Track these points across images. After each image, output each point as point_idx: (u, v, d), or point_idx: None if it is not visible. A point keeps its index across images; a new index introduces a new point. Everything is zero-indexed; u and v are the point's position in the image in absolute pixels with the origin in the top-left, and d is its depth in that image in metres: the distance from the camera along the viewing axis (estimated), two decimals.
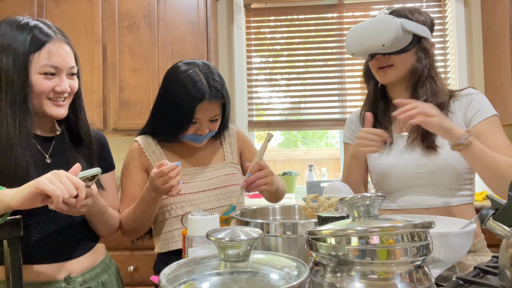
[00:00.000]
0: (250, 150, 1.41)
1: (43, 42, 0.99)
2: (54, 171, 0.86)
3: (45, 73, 0.99)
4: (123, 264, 2.24)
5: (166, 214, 1.25)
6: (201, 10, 2.54)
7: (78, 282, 1.05)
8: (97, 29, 2.57)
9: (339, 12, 2.92)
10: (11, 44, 0.97)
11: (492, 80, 2.64)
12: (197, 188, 1.26)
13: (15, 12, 2.56)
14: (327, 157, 3.07)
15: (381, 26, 1.13)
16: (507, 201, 0.79)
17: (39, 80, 0.98)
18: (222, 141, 1.39)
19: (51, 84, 1.00)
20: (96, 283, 1.11)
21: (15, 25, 1.00)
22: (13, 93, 0.96)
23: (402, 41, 1.14)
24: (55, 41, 1.01)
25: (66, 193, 0.83)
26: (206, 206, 1.25)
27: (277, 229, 0.86)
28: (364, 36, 1.17)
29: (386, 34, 1.12)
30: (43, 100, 1.00)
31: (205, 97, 1.15)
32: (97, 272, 1.12)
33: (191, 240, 0.84)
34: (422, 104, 1.05)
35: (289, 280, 0.46)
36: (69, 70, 1.03)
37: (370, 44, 1.15)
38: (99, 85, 2.56)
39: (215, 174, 1.30)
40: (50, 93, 1.01)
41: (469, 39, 2.77)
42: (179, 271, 0.50)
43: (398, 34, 1.11)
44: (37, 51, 0.98)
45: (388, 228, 0.56)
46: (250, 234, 0.51)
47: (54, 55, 0.99)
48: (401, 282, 0.55)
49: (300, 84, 2.97)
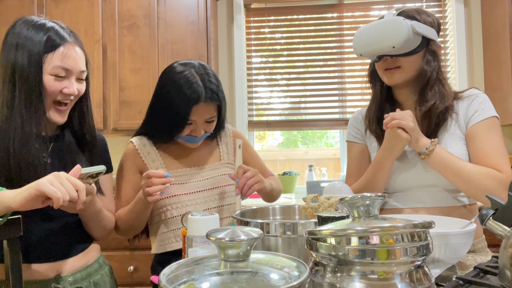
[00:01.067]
0: (247, 150, 1.40)
1: (58, 43, 1.01)
2: (55, 173, 0.86)
3: (56, 74, 1.00)
4: (123, 264, 2.24)
5: (162, 215, 1.25)
6: (201, 10, 2.54)
7: (68, 281, 1.05)
8: (97, 29, 2.57)
9: (339, 12, 2.92)
10: (26, 42, 0.99)
11: (492, 80, 2.64)
12: (193, 188, 1.26)
13: (15, 12, 2.56)
14: (327, 157, 3.07)
15: (392, 28, 1.11)
16: (507, 201, 0.79)
17: (49, 81, 1.00)
18: (218, 141, 1.38)
19: (60, 85, 1.01)
20: (88, 283, 1.10)
21: (31, 25, 1.01)
22: (29, 91, 0.98)
23: (412, 43, 1.12)
24: (69, 44, 1.03)
25: (67, 195, 0.83)
26: (202, 206, 1.25)
27: (277, 229, 0.86)
28: (373, 37, 1.15)
29: (397, 36, 1.10)
30: (49, 102, 1.02)
31: (200, 99, 1.15)
32: (89, 272, 1.12)
33: (191, 240, 0.84)
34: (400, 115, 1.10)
35: (289, 280, 0.46)
36: (79, 74, 1.05)
37: (379, 46, 1.14)
38: (99, 85, 2.56)
39: (211, 174, 1.30)
40: (58, 95, 1.02)
41: (469, 39, 2.77)
42: (179, 271, 0.50)
43: (409, 36, 1.10)
44: (51, 52, 1.00)
45: (388, 228, 0.56)
46: (250, 234, 0.51)
47: (67, 58, 1.01)
48: (401, 282, 0.55)
49: (300, 84, 2.97)
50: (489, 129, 1.14)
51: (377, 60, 1.20)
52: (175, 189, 1.23)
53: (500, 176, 1.08)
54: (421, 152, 1.11)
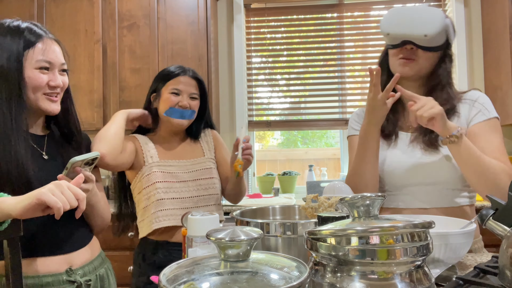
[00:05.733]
0: (223, 149, 1.60)
1: (36, 39, 1.04)
2: (56, 182, 0.87)
3: (40, 67, 1.03)
4: (123, 264, 2.24)
5: (151, 198, 1.38)
6: (201, 10, 2.54)
7: (79, 274, 1.07)
8: (97, 29, 2.57)
9: (339, 12, 2.92)
10: (4, 44, 1.01)
11: (492, 80, 2.64)
12: (181, 178, 1.42)
13: (15, 12, 2.56)
14: (327, 157, 3.07)
15: (431, 16, 1.09)
16: (507, 201, 0.79)
17: (35, 75, 1.02)
18: (200, 141, 1.57)
19: (46, 78, 1.04)
20: (95, 276, 1.12)
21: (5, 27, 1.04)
22: (8, 88, 0.99)
23: (439, 40, 1.11)
24: (47, 39, 1.06)
25: (67, 205, 0.84)
26: (187, 194, 1.41)
27: (277, 229, 0.86)
28: (408, 19, 1.11)
29: (433, 26, 1.08)
30: (39, 95, 1.04)
31: (186, 73, 1.44)
32: (95, 265, 1.14)
33: (191, 240, 0.84)
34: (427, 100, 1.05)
35: (289, 280, 0.46)
36: (61, 66, 1.09)
37: (412, 30, 1.10)
38: (99, 85, 2.56)
39: (196, 167, 1.47)
40: (45, 87, 1.04)
41: (469, 39, 2.77)
42: (179, 271, 0.50)
43: (442, 30, 1.09)
44: (31, 47, 1.02)
45: (388, 228, 0.56)
46: (250, 234, 0.51)
47: (48, 51, 1.05)
48: (401, 282, 0.55)
49: (300, 84, 2.97)
50: (490, 129, 1.15)
51: (397, 46, 1.17)
52: (165, 176, 1.39)
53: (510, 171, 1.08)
54: (452, 135, 1.04)
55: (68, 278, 1.04)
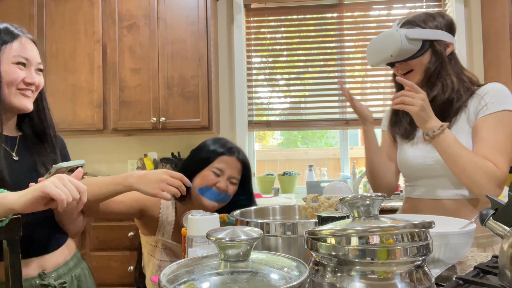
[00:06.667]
0: None
1: (14, 36, 1.05)
2: (58, 175, 0.88)
3: (17, 62, 1.04)
4: (123, 264, 2.23)
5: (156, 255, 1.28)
6: (201, 10, 2.54)
7: (52, 277, 1.05)
8: (97, 29, 2.57)
9: (339, 12, 2.92)
10: None
11: (492, 80, 2.62)
12: None
13: (15, 12, 2.56)
14: (327, 157, 3.07)
15: (387, 40, 1.28)
16: (507, 201, 0.79)
17: (11, 69, 1.03)
18: None
19: (22, 74, 1.05)
20: (70, 278, 1.10)
21: None
22: None
23: (411, 49, 1.24)
24: (24, 38, 1.07)
25: (70, 197, 0.85)
26: None
27: (277, 229, 0.86)
28: (375, 49, 1.33)
29: (392, 46, 1.25)
30: (13, 90, 1.04)
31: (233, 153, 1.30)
32: (70, 266, 1.12)
33: (191, 240, 0.84)
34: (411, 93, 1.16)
35: (289, 280, 0.46)
36: (37, 65, 1.09)
37: (382, 56, 1.30)
38: (99, 85, 2.56)
39: None
40: (20, 83, 1.05)
41: (469, 39, 2.77)
42: (179, 271, 0.50)
43: (403, 44, 1.23)
44: (10, 43, 1.03)
45: (388, 228, 0.56)
46: (250, 234, 0.51)
47: (25, 48, 1.06)
48: (401, 282, 0.55)
49: (300, 84, 2.97)
50: (495, 123, 1.16)
51: (390, 67, 1.35)
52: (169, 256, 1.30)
53: (495, 173, 1.10)
54: (428, 134, 1.17)
55: (41, 282, 1.02)
